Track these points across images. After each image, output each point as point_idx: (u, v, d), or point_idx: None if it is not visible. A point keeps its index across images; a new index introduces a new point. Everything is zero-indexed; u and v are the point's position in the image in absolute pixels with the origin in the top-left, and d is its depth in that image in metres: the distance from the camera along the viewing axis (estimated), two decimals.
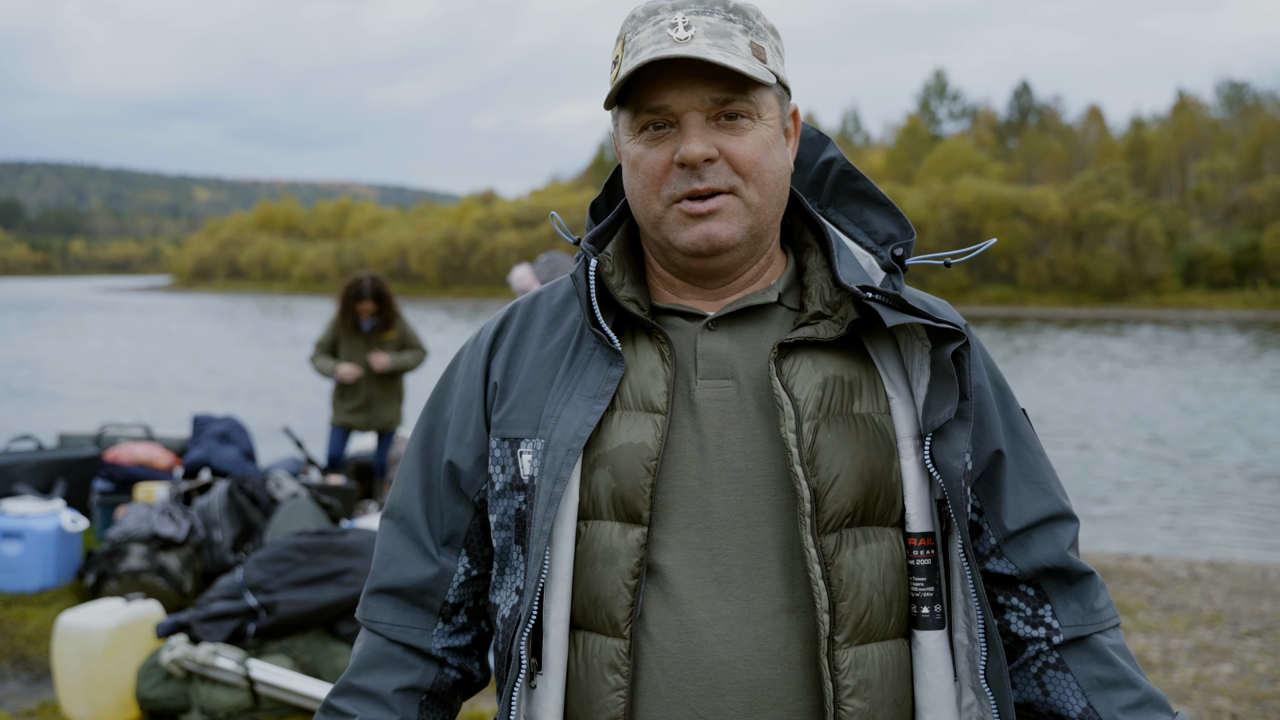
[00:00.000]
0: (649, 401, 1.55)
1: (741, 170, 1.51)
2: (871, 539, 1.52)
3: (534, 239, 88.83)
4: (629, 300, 1.60)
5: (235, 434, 8.74)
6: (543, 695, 1.54)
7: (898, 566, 1.53)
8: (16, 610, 6.59)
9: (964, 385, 1.51)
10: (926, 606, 1.54)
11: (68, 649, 5.01)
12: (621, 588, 1.51)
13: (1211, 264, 68.89)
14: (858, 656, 1.49)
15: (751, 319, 1.60)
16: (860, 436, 1.52)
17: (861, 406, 1.55)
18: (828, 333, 1.56)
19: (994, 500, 1.61)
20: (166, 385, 25.00)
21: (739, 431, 1.54)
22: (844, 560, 1.49)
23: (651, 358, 1.58)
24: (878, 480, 1.52)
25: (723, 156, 1.51)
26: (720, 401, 1.55)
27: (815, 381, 1.53)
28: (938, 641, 1.54)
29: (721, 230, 1.52)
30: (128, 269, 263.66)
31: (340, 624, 5.26)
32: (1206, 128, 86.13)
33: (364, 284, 8.81)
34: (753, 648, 1.49)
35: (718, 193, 1.52)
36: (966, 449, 1.51)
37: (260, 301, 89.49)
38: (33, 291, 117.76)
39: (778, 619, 1.50)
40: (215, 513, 6.83)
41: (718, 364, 1.56)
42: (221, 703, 4.89)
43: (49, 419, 17.31)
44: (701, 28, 1.49)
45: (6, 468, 7.74)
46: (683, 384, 1.57)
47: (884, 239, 1.66)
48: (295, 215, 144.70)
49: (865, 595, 1.50)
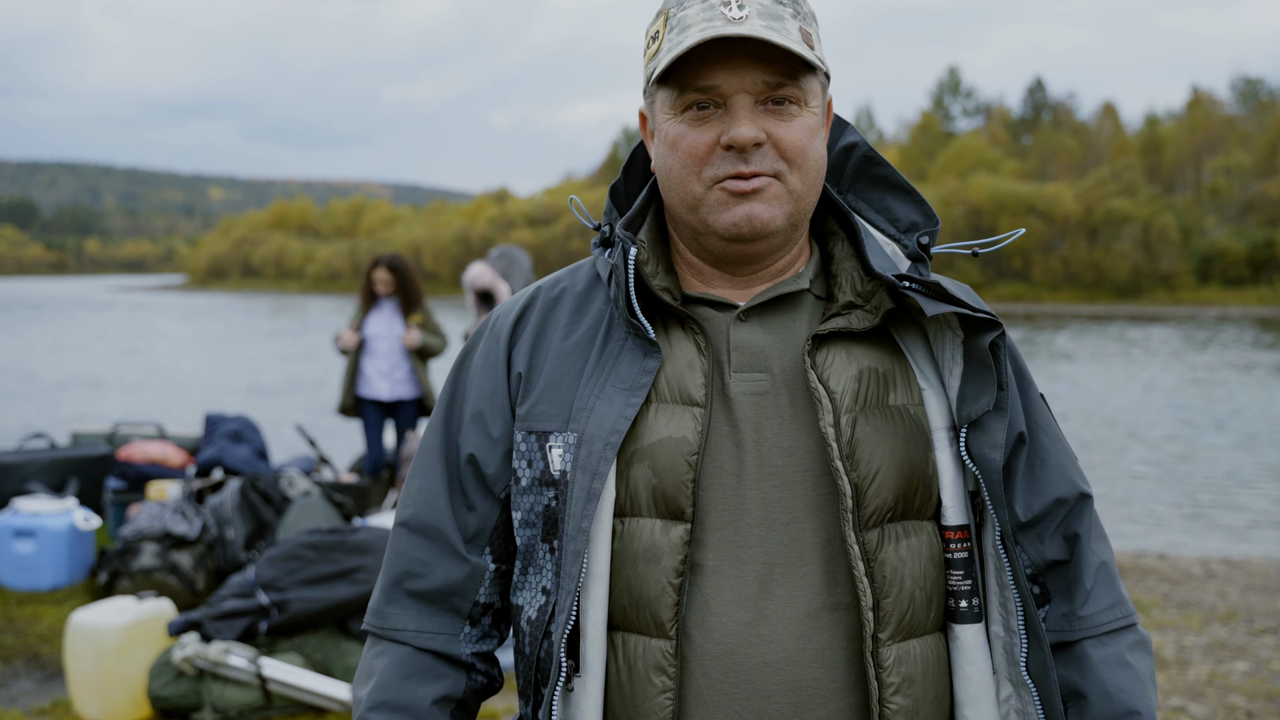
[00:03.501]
0: (687, 394, 1.51)
1: (788, 156, 1.49)
2: (912, 533, 1.50)
3: (547, 237, 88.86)
4: (662, 289, 1.56)
5: (247, 432, 8.76)
6: (581, 698, 1.48)
7: (936, 560, 1.52)
8: (29, 608, 6.61)
9: (1001, 376, 1.49)
10: (964, 600, 1.52)
11: (80, 647, 5.02)
12: (666, 587, 1.46)
13: (1226, 260, 68.56)
14: (901, 653, 1.47)
15: (782, 309, 1.57)
16: (898, 429, 1.50)
17: (897, 398, 1.52)
18: (861, 323, 1.53)
19: (1010, 487, 1.57)
20: (179, 383, 25.06)
21: (775, 426, 1.50)
22: (887, 556, 1.47)
23: (688, 349, 1.53)
24: (916, 473, 1.50)
25: (770, 141, 1.48)
26: (755, 395, 1.51)
27: (851, 374, 1.50)
28: (976, 635, 1.52)
29: (764, 212, 1.49)
30: (142, 268, 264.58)
31: (352, 622, 5.26)
32: (1221, 124, 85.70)
33: (383, 257, 9.04)
34: (796, 647, 1.46)
35: (760, 175, 1.49)
36: (1003, 440, 1.48)
37: (274, 300, 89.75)
38: (47, 291, 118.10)
39: (820, 617, 1.47)
40: (228, 511, 6.84)
41: (752, 356, 1.53)
42: (233, 701, 4.90)
43: (62, 417, 17.36)
44: (755, 8, 1.45)
45: (19, 466, 7.76)
46: (717, 376, 1.53)
47: (906, 226, 1.62)
48: (309, 214, 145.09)
49: (908, 591, 1.48)
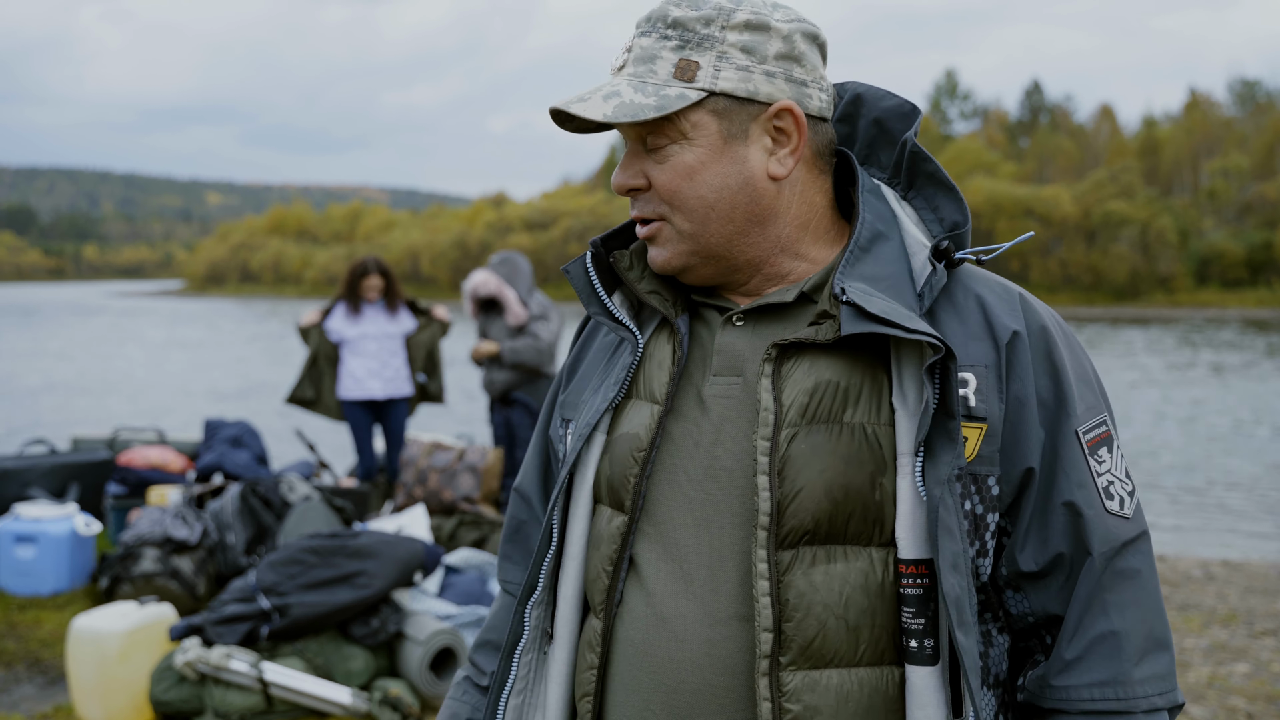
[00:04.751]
0: (651, 392, 1.56)
1: (664, 198, 1.51)
2: (837, 559, 1.42)
3: (545, 241, 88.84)
4: (650, 293, 1.60)
5: (247, 438, 8.75)
6: (550, 664, 1.61)
7: (873, 591, 1.41)
8: (31, 614, 6.61)
9: (948, 402, 1.38)
10: (915, 640, 1.40)
11: (82, 652, 5.02)
12: (600, 572, 1.55)
13: (1224, 262, 68.61)
14: (807, 681, 1.40)
15: (778, 316, 1.55)
16: (839, 448, 1.42)
17: (856, 416, 1.44)
18: (826, 334, 1.47)
19: (1016, 529, 1.47)
20: (176, 389, 25.08)
21: (733, 430, 1.49)
22: (795, 579, 1.41)
23: (664, 349, 1.58)
24: (852, 497, 1.41)
25: (651, 185, 1.52)
26: (724, 399, 1.52)
27: (805, 386, 1.45)
28: (928, 678, 1.39)
29: (658, 255, 1.55)
30: (140, 273, 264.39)
31: (353, 626, 5.27)
32: (1219, 126, 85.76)
33: (369, 261, 8.77)
34: (702, 651, 1.45)
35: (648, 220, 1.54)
36: (949, 474, 1.38)
37: (271, 305, 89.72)
38: (44, 297, 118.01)
39: (730, 626, 1.45)
40: (228, 516, 6.84)
41: (730, 360, 1.53)
42: (235, 705, 4.90)
43: (62, 422, 17.36)
44: (636, 54, 1.50)
45: (20, 472, 7.76)
46: (697, 378, 1.55)
47: (949, 226, 1.55)
48: (307, 219, 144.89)
49: (817, 617, 1.40)
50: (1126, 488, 1.49)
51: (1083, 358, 1.53)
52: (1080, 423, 1.47)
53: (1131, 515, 1.48)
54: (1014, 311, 1.49)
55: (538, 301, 8.14)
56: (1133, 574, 1.45)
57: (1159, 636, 1.45)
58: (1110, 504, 1.46)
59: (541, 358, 7.99)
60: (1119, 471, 1.49)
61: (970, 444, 1.43)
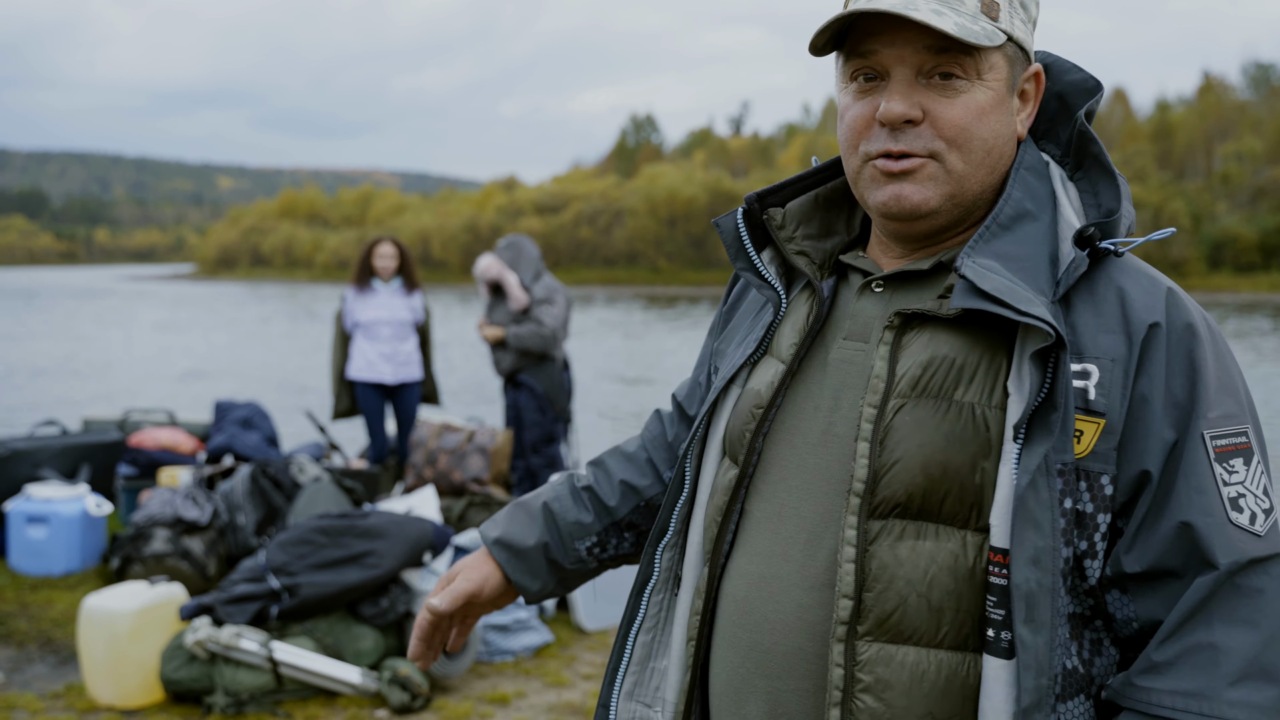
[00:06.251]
0: (781, 351, 1.57)
1: (945, 135, 1.42)
2: (928, 536, 1.39)
3: (556, 225, 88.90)
4: (797, 254, 1.60)
5: (257, 419, 8.76)
6: (678, 605, 1.63)
7: (960, 575, 1.37)
8: (43, 594, 6.64)
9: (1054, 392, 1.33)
10: (994, 630, 1.35)
11: (93, 632, 5.05)
12: (711, 522, 1.57)
13: (1238, 247, 68.33)
14: (881, 653, 1.38)
15: (918, 283, 1.51)
16: (943, 425, 1.39)
17: (967, 395, 1.39)
18: (949, 308, 1.42)
19: (1127, 528, 1.38)
20: (189, 371, 25.13)
21: (851, 397, 1.48)
22: (879, 550, 1.39)
23: (801, 310, 1.58)
24: (949, 475, 1.37)
25: (928, 119, 1.42)
26: (848, 364, 1.50)
27: (920, 359, 1.42)
28: (999, 671, 1.33)
29: (914, 193, 1.44)
30: (152, 257, 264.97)
31: (363, 606, 5.28)
32: (1233, 109, 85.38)
33: (382, 238, 8.89)
34: (794, 615, 1.45)
35: (912, 155, 1.43)
36: (1038, 464, 1.31)
37: (282, 289, 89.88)
38: (54, 280, 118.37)
39: (824, 592, 1.43)
40: (238, 497, 6.86)
41: (861, 325, 1.52)
42: (245, 684, 4.92)
43: (74, 403, 17.41)
44: None
45: (31, 452, 7.79)
46: (830, 341, 1.54)
47: (1106, 213, 1.50)
48: (318, 203, 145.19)
49: (898, 592, 1.37)
50: (1262, 505, 1.38)
51: (1231, 366, 1.43)
52: (1210, 427, 1.37)
53: (1264, 534, 1.36)
54: (1156, 306, 1.41)
55: (544, 285, 8.14)
56: (1254, 593, 1.32)
57: (1268, 666, 1.30)
58: (1236, 516, 1.35)
59: (545, 342, 7.99)
60: (1255, 487, 1.38)
61: (1085, 439, 1.36)
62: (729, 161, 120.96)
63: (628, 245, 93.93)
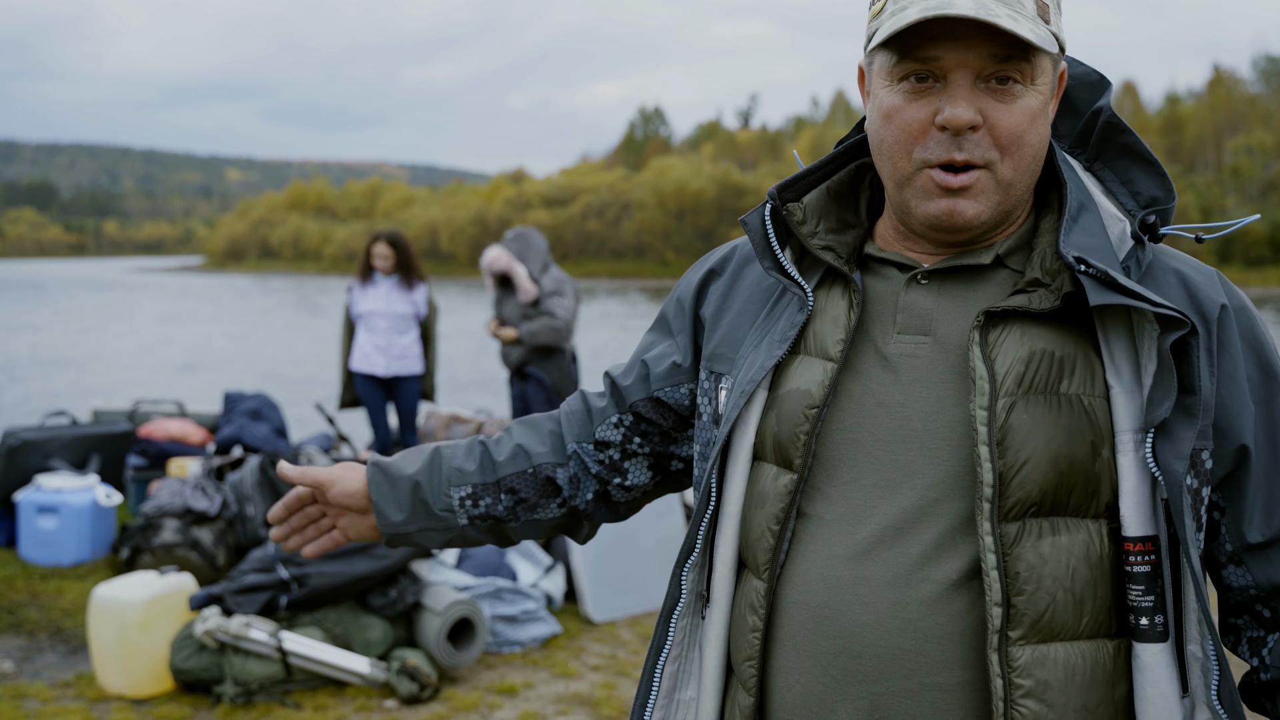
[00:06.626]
0: (824, 349, 1.51)
1: (1001, 143, 1.41)
2: (1061, 530, 1.39)
3: (564, 217, 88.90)
4: (823, 249, 1.56)
5: (266, 410, 8.78)
6: (707, 628, 1.56)
7: (1094, 563, 1.39)
8: (53, 583, 6.67)
9: (1186, 378, 1.36)
10: (1145, 617, 1.37)
11: (103, 621, 5.07)
12: (765, 531, 1.49)
13: (1247, 241, 68.13)
14: (1037, 655, 1.37)
15: (966, 278, 1.50)
16: (1061, 420, 1.39)
17: (1071, 386, 1.40)
18: (1042, 303, 1.42)
19: (1237, 504, 1.44)
20: (198, 362, 25.19)
21: (924, 391, 1.45)
22: (1023, 552, 1.37)
23: (839, 305, 1.53)
24: (1075, 469, 1.38)
25: (985, 125, 1.40)
26: (912, 358, 1.47)
27: (1020, 355, 1.40)
28: (1159, 655, 1.38)
29: (969, 209, 1.43)
30: (161, 249, 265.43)
31: (371, 596, 5.29)
32: (1243, 103, 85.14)
33: (383, 232, 8.82)
34: (889, 614, 1.41)
35: (973, 166, 1.41)
36: (1189, 450, 1.35)
37: (290, 281, 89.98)
38: (63, 272, 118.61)
39: (921, 589, 1.40)
40: (247, 488, 6.88)
41: (917, 319, 1.48)
42: (254, 674, 4.94)
43: (83, 395, 17.46)
44: None
45: (42, 443, 7.82)
46: (877, 335, 1.50)
47: (1146, 201, 1.50)
48: (326, 195, 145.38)
49: (1048, 590, 1.37)
50: None
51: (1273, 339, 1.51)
52: None
53: None
54: (1216, 288, 1.46)
55: (552, 277, 8.14)
56: None
57: None
58: None
59: (558, 335, 7.99)
60: None
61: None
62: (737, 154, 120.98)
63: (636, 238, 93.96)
